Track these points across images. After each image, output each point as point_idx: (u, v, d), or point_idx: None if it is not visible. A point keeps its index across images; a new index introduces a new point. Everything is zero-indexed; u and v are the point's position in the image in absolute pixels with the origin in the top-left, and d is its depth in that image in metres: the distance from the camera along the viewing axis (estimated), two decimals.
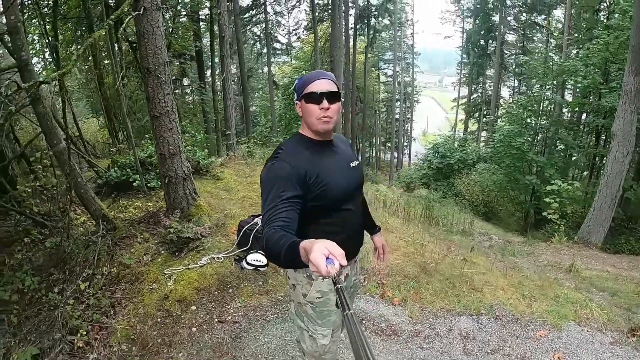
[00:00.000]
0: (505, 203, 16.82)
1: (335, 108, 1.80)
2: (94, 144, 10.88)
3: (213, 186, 6.84)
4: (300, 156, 1.77)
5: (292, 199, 1.63)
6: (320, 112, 1.77)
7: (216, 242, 4.89)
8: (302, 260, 1.25)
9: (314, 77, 1.81)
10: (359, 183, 2.01)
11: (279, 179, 1.66)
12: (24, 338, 3.29)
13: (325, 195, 1.77)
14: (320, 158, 1.83)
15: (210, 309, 3.82)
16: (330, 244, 1.16)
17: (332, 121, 1.81)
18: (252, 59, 29.07)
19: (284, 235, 1.42)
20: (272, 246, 1.41)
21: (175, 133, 4.93)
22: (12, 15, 3.75)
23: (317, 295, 1.92)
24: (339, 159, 1.92)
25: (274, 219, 1.54)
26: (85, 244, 4.32)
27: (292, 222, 1.57)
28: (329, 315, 1.95)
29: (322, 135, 1.87)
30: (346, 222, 1.91)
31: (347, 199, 1.90)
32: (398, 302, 4.24)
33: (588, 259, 7.33)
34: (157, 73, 4.61)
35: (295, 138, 1.91)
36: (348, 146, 2.08)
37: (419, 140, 46.98)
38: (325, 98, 1.76)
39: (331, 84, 1.80)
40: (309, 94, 1.78)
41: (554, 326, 4.01)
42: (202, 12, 15.33)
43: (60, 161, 4.37)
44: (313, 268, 1.14)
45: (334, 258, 1.12)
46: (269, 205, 1.59)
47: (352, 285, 2.20)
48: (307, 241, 1.24)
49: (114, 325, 3.51)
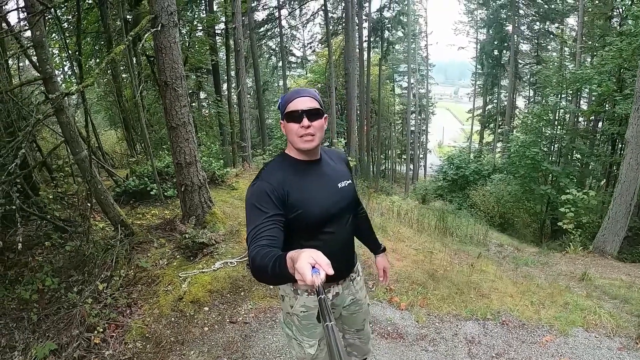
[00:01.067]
0: (521, 214, 16.63)
1: (317, 125, 1.75)
2: (112, 155, 11.20)
3: (228, 195, 7.02)
4: (280, 176, 1.74)
5: (274, 217, 1.61)
6: (300, 130, 1.72)
7: (229, 248, 5.04)
8: (288, 271, 1.23)
9: (293, 95, 1.78)
10: (346, 204, 1.93)
11: (261, 199, 1.65)
12: (42, 334, 3.47)
13: (302, 217, 1.74)
14: (303, 178, 1.80)
15: (222, 310, 3.96)
16: (316, 254, 1.15)
17: (314, 139, 1.75)
18: (268, 72, 29.49)
19: (270, 252, 1.40)
20: (259, 263, 1.38)
21: (191, 143, 5.13)
22: (38, 31, 4.00)
23: (301, 309, 1.93)
24: (325, 179, 1.87)
25: (259, 237, 1.52)
26: (104, 248, 4.52)
27: (277, 240, 1.55)
28: (314, 328, 1.95)
29: (307, 154, 1.83)
30: (327, 245, 1.75)
31: (329, 221, 1.85)
32: (405, 306, 4.30)
33: (602, 268, 7.26)
34: (174, 86, 4.83)
35: (278, 158, 1.89)
36: (342, 163, 2.04)
37: (434, 152, 46.79)
38: (305, 116, 1.71)
39: (312, 100, 1.75)
40: (289, 112, 1.74)
41: (561, 332, 4.01)
42: (217, 27, 15.70)
43: (82, 169, 4.59)
44: (299, 277, 1.13)
45: (320, 268, 1.12)
46: (252, 225, 1.58)
47: (350, 303, 2.14)
48: (294, 251, 1.23)
49: (130, 324, 3.67)
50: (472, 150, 28.20)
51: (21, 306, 3.83)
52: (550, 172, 14.66)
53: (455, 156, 22.85)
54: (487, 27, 30.36)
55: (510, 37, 27.84)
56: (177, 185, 5.45)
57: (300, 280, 1.12)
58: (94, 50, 11.28)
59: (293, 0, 23.35)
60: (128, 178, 6.92)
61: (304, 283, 1.10)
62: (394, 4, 26.10)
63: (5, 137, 4.22)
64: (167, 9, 4.56)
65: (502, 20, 28.42)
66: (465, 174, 21.36)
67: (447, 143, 45.19)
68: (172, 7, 4.60)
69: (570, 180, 14.04)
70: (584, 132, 16.67)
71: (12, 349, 3.33)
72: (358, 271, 2.18)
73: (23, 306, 3.82)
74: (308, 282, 1.09)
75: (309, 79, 27.50)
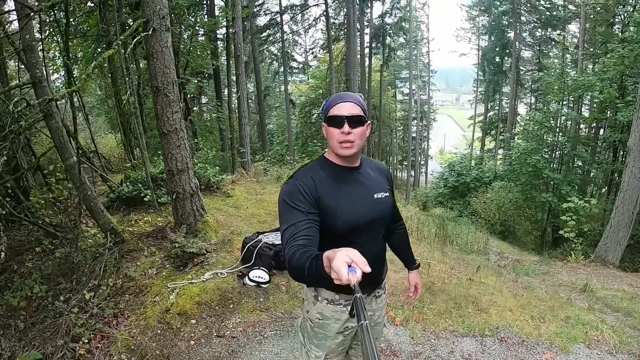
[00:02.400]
0: (522, 222, 16.53)
1: (358, 132, 1.72)
2: (110, 159, 11.14)
3: (222, 203, 6.92)
4: (317, 178, 1.73)
5: (310, 215, 1.60)
6: (341, 136, 1.70)
7: (221, 258, 4.94)
8: (325, 270, 1.23)
9: (337, 99, 1.76)
10: (380, 216, 1.87)
11: (295, 198, 1.63)
12: (28, 343, 3.41)
13: (331, 223, 1.71)
14: (338, 184, 1.77)
15: (209, 323, 3.85)
16: (352, 252, 1.15)
17: (353, 146, 1.73)
18: (269, 77, 29.47)
19: (307, 251, 1.39)
20: (296, 262, 1.38)
21: (183, 150, 5.04)
22: (27, 35, 3.93)
23: (317, 316, 1.88)
24: (361, 188, 1.83)
25: (295, 237, 1.51)
26: (93, 256, 4.43)
27: (314, 239, 1.54)
28: (325, 339, 1.90)
29: (346, 160, 1.81)
30: None
31: (359, 232, 1.79)
32: (400, 322, 4.16)
33: (604, 277, 7.15)
34: (166, 92, 4.75)
35: (317, 160, 1.87)
36: (382, 175, 1.97)
37: (435, 158, 46.72)
38: (346, 122, 1.69)
39: (355, 107, 1.72)
40: (331, 117, 1.72)
41: (561, 349, 3.89)
42: (219, 32, 15.66)
43: (71, 174, 4.51)
44: (335, 275, 1.13)
45: (356, 266, 1.12)
46: (287, 224, 1.57)
47: (373, 323, 2.06)
48: (330, 250, 1.22)
49: (116, 335, 3.57)
50: (474, 157, 28.10)
51: (9, 313, 3.76)
52: (551, 180, 14.58)
53: (457, 163, 22.78)
54: (488, 34, 30.36)
55: (511, 43, 27.82)
56: (169, 192, 5.36)
57: (337, 279, 1.12)
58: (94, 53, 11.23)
59: (295, 6, 23.33)
60: (122, 184, 6.83)
61: (340, 282, 1.11)
62: (395, 10, 26.09)
63: None
64: (159, 13, 4.49)
65: (503, 27, 28.41)
66: (466, 180, 21.28)
67: (449, 150, 45.12)
68: (164, 10, 4.52)
69: (572, 187, 13.96)
70: (585, 140, 16.60)
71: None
72: (384, 288, 2.10)
73: (11, 313, 3.76)
74: (344, 281, 1.09)
75: (310, 85, 27.48)
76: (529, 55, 29.23)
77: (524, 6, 26.53)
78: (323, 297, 1.85)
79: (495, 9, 28.40)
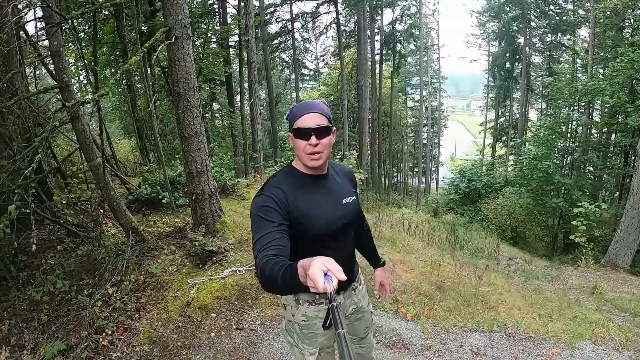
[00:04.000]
0: (533, 227, 16.44)
1: (325, 142, 1.74)
2: (125, 163, 11.40)
3: (238, 205, 7.10)
4: (286, 189, 1.75)
5: (280, 226, 1.62)
6: (308, 147, 1.72)
7: (238, 257, 5.11)
8: (299, 280, 1.24)
9: (302, 110, 1.75)
10: (349, 220, 1.94)
11: (265, 210, 1.66)
12: (52, 335, 3.56)
13: (305, 231, 1.76)
14: (308, 193, 1.81)
15: (229, 316, 4.01)
16: (328, 261, 1.16)
17: (322, 156, 1.76)
18: (281, 84, 29.70)
19: (279, 261, 1.39)
20: (268, 273, 1.37)
21: (203, 153, 5.24)
22: (55, 41, 4.15)
23: (302, 319, 1.94)
24: (330, 195, 1.89)
25: (266, 247, 1.52)
26: (115, 253, 4.61)
27: (285, 249, 1.55)
28: (315, 337, 1.95)
29: (314, 170, 1.84)
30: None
31: (332, 237, 1.86)
32: (411, 317, 4.30)
33: (614, 281, 7.19)
34: (187, 97, 4.95)
35: (285, 170, 1.90)
36: (347, 179, 2.04)
37: (446, 165, 46.61)
38: (313, 133, 1.70)
39: (320, 117, 1.74)
40: (297, 129, 1.73)
41: (568, 345, 3.99)
42: (231, 39, 15.94)
43: (96, 175, 4.71)
44: (311, 284, 1.14)
45: (332, 275, 1.12)
46: (258, 235, 1.58)
47: (353, 312, 2.14)
48: (305, 259, 1.23)
49: (138, 328, 3.73)
50: (484, 163, 28.05)
51: (32, 307, 3.92)
52: (562, 185, 14.54)
53: (467, 169, 22.78)
54: (498, 40, 30.33)
55: (522, 49, 27.77)
56: (189, 193, 5.55)
57: (313, 288, 1.13)
58: (109, 60, 11.55)
59: (306, 13, 23.62)
60: (140, 186, 7.05)
61: (317, 290, 1.11)
62: (405, 17, 26.30)
63: (21, 143, 4.35)
64: (181, 22, 4.70)
65: (513, 33, 28.37)
66: (477, 187, 21.28)
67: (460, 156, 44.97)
68: (185, 19, 4.73)
69: (583, 193, 13.91)
70: (596, 145, 16.51)
71: (22, 348, 3.43)
72: (360, 280, 2.19)
73: (34, 307, 3.91)
74: (320, 290, 1.10)
75: (321, 92, 27.71)
76: (539, 60, 29.10)
77: (533, 11, 26.47)
78: (304, 299, 1.93)
79: (505, 14, 28.36)
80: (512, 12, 27.82)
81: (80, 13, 4.38)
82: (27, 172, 3.34)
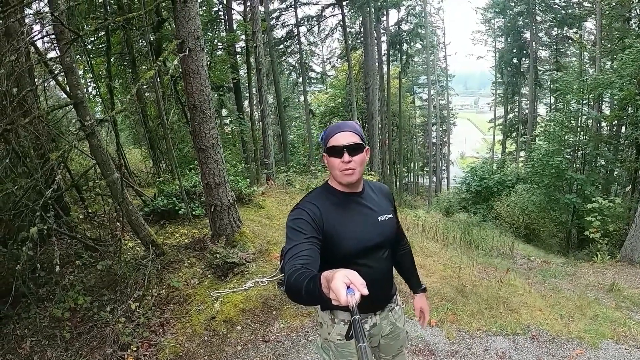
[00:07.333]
0: (546, 224, 16.26)
1: (358, 160, 1.80)
2: (137, 173, 11.43)
3: (255, 214, 7.09)
4: (320, 205, 1.80)
5: (312, 238, 1.65)
6: (342, 165, 1.78)
7: (260, 267, 5.10)
8: (322, 291, 1.23)
9: (335, 130, 1.83)
10: (384, 239, 1.94)
11: (299, 222, 1.70)
12: (75, 352, 3.56)
13: (338, 248, 1.78)
14: (342, 209, 1.85)
15: (255, 329, 4.00)
16: (351, 273, 1.15)
17: (355, 173, 1.80)
18: (288, 88, 29.70)
19: (305, 271, 1.41)
20: (294, 282, 1.38)
21: (220, 164, 5.23)
22: (68, 58, 4.16)
23: (337, 337, 1.95)
24: (365, 213, 1.91)
25: (295, 256, 1.54)
26: (136, 267, 4.62)
27: (314, 260, 1.56)
28: (350, 356, 1.96)
29: (349, 187, 1.88)
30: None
31: (365, 255, 1.87)
32: (435, 323, 4.29)
33: (631, 277, 7.10)
34: (203, 109, 4.95)
35: (321, 187, 1.95)
36: (384, 197, 2.04)
37: (457, 163, 46.27)
38: (346, 151, 1.77)
39: (353, 135, 1.80)
40: (331, 147, 1.80)
41: (591, 345, 3.97)
42: (238, 45, 15.96)
43: (113, 190, 4.71)
44: (333, 296, 1.13)
45: (355, 288, 1.11)
46: (290, 244, 1.62)
47: (389, 332, 2.11)
48: (329, 271, 1.23)
49: (163, 343, 3.73)
50: (495, 160, 27.81)
51: (53, 324, 3.92)
52: (574, 180, 14.34)
53: (478, 167, 22.59)
54: (505, 36, 30.11)
55: (528, 44, 27.56)
56: (207, 205, 5.54)
57: (335, 300, 1.12)
58: (117, 70, 11.62)
59: (311, 17, 23.60)
60: (156, 197, 7.05)
61: (339, 303, 1.10)
62: (411, 17, 26.19)
63: (35, 159, 4.34)
64: (194, 34, 4.70)
65: (519, 28, 28.15)
66: (489, 185, 21.08)
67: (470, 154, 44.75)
68: (198, 31, 4.73)
69: (596, 187, 13.71)
70: (607, 138, 16.28)
71: None
72: (396, 301, 2.17)
73: (55, 324, 3.92)
74: (342, 302, 1.08)
75: (329, 94, 27.68)
76: (547, 54, 28.82)
77: (538, 6, 26.23)
78: (340, 319, 1.94)
79: (510, 10, 28.18)
80: (517, 7, 27.60)
81: (94, 29, 4.37)
82: (48, 194, 3.33)
